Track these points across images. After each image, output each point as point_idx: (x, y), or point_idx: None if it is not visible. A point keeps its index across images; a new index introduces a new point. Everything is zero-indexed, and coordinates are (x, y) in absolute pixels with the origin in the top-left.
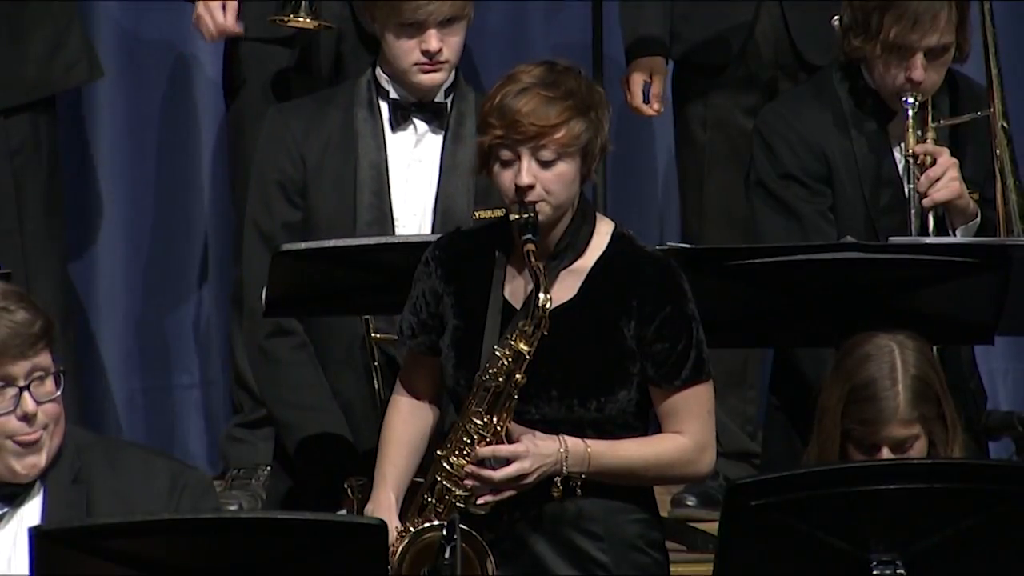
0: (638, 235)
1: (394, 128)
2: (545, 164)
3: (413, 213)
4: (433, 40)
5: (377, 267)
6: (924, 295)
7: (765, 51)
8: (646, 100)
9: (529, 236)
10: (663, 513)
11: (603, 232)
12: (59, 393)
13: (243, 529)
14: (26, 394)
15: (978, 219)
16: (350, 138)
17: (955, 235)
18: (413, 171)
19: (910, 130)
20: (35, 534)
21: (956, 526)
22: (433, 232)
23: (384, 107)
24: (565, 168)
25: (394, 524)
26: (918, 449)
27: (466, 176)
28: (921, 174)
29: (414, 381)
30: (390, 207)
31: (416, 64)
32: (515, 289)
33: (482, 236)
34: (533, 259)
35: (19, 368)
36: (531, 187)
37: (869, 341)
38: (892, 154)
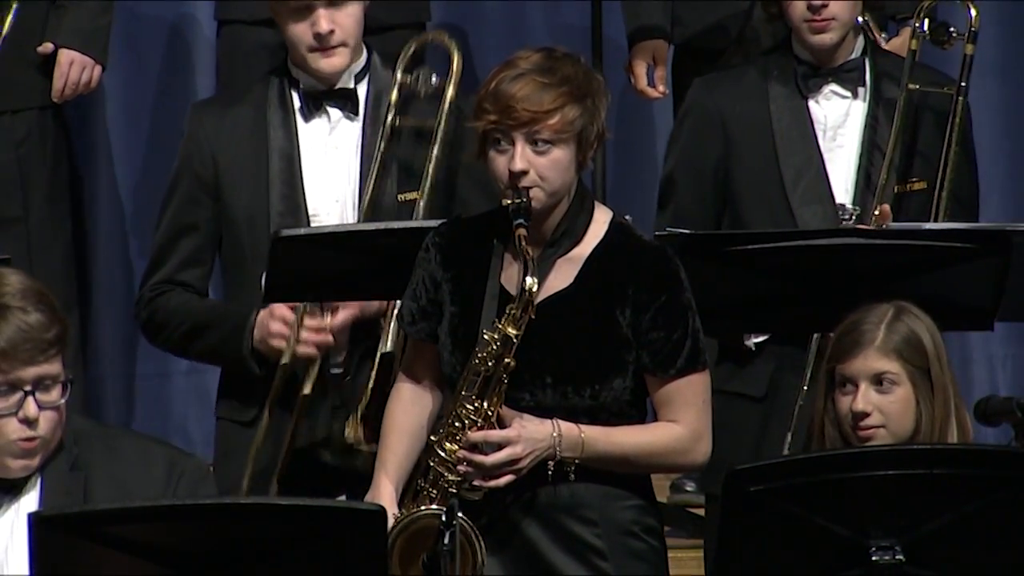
0: (637, 220)
1: (307, 117)
2: (539, 151)
3: (335, 200)
4: (322, 21)
5: (376, 252)
6: (923, 281)
7: (763, 37)
8: (650, 83)
9: (521, 221)
10: (662, 499)
11: (601, 220)
12: (62, 402)
13: (241, 515)
14: (30, 399)
15: None
16: (261, 130)
17: None
18: (330, 159)
19: None
20: (34, 520)
21: (955, 512)
22: (361, 219)
23: (296, 97)
24: (559, 154)
25: (392, 512)
26: (900, 396)
27: (387, 159)
28: None
29: (416, 368)
30: (304, 197)
31: (311, 49)
32: (512, 276)
33: (482, 223)
34: (523, 243)
35: (27, 373)
36: (524, 173)
37: (877, 303)
38: (808, 111)
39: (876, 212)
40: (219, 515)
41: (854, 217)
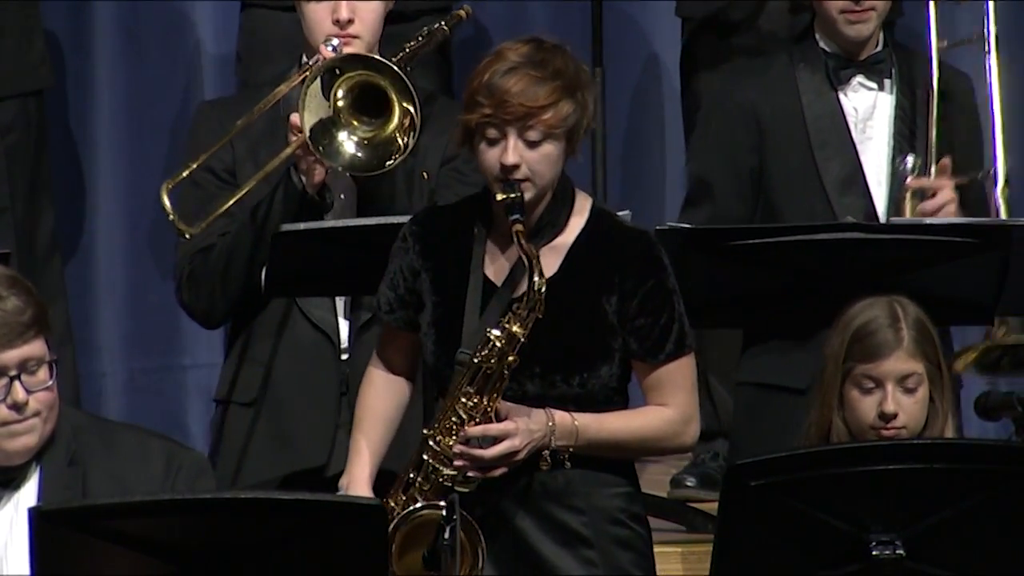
0: (640, 213)
1: None
2: (531, 144)
3: (341, 194)
4: (343, 9)
5: (376, 247)
6: (924, 275)
7: (774, 14)
8: None
9: (516, 216)
10: (662, 493)
11: (582, 208)
12: (52, 382)
13: (240, 509)
14: (16, 383)
15: None
16: (277, 126)
17: None
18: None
19: (908, 198)
20: (35, 515)
21: (955, 507)
22: (358, 210)
23: None
24: (551, 149)
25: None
26: (920, 397)
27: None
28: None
29: (390, 356)
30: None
31: (329, 36)
32: (495, 266)
33: (460, 212)
34: (523, 241)
35: (9, 357)
36: (516, 166)
37: (868, 297)
38: (839, 103)
39: (936, 166)
40: (219, 509)
41: (917, 169)
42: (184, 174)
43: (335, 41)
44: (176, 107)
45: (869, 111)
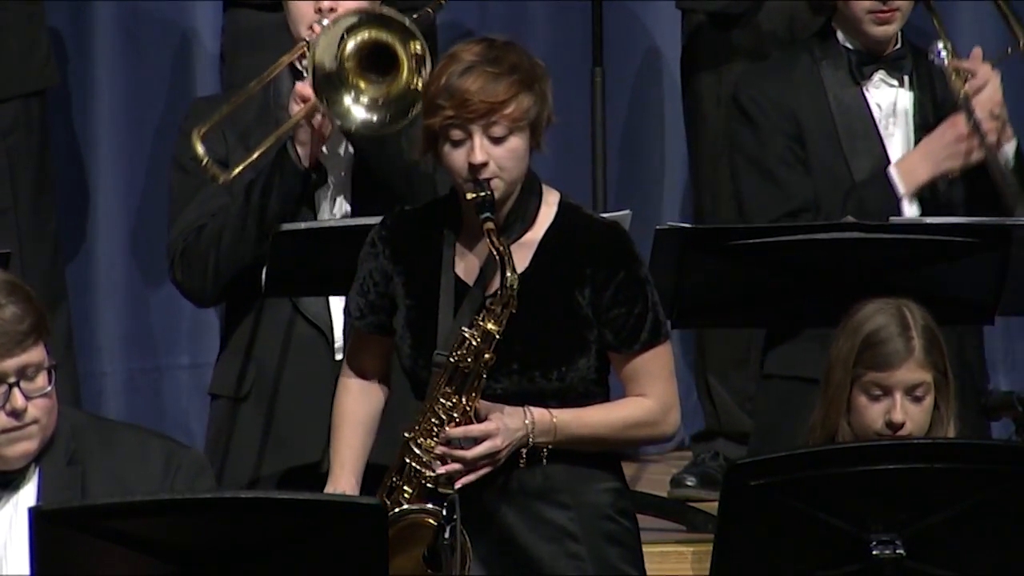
0: (640, 213)
1: None
2: (496, 141)
3: (342, 171)
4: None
5: None
6: (925, 274)
7: (777, 24)
8: None
9: (488, 215)
10: (663, 494)
11: (550, 203)
12: (50, 388)
13: (240, 509)
14: (15, 390)
15: (1015, 141)
16: (268, 114)
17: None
18: (333, 144)
19: (953, 76)
20: (35, 514)
21: (956, 506)
22: (354, 190)
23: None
24: (516, 143)
25: None
26: (926, 406)
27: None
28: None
29: (363, 361)
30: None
31: (311, 25)
32: (466, 266)
33: (428, 213)
34: (495, 239)
35: (8, 365)
36: (485, 164)
37: (875, 300)
38: (865, 99)
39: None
40: (219, 509)
41: (950, 53)
42: (215, 119)
43: (325, 21)
44: (176, 107)
45: (891, 107)
